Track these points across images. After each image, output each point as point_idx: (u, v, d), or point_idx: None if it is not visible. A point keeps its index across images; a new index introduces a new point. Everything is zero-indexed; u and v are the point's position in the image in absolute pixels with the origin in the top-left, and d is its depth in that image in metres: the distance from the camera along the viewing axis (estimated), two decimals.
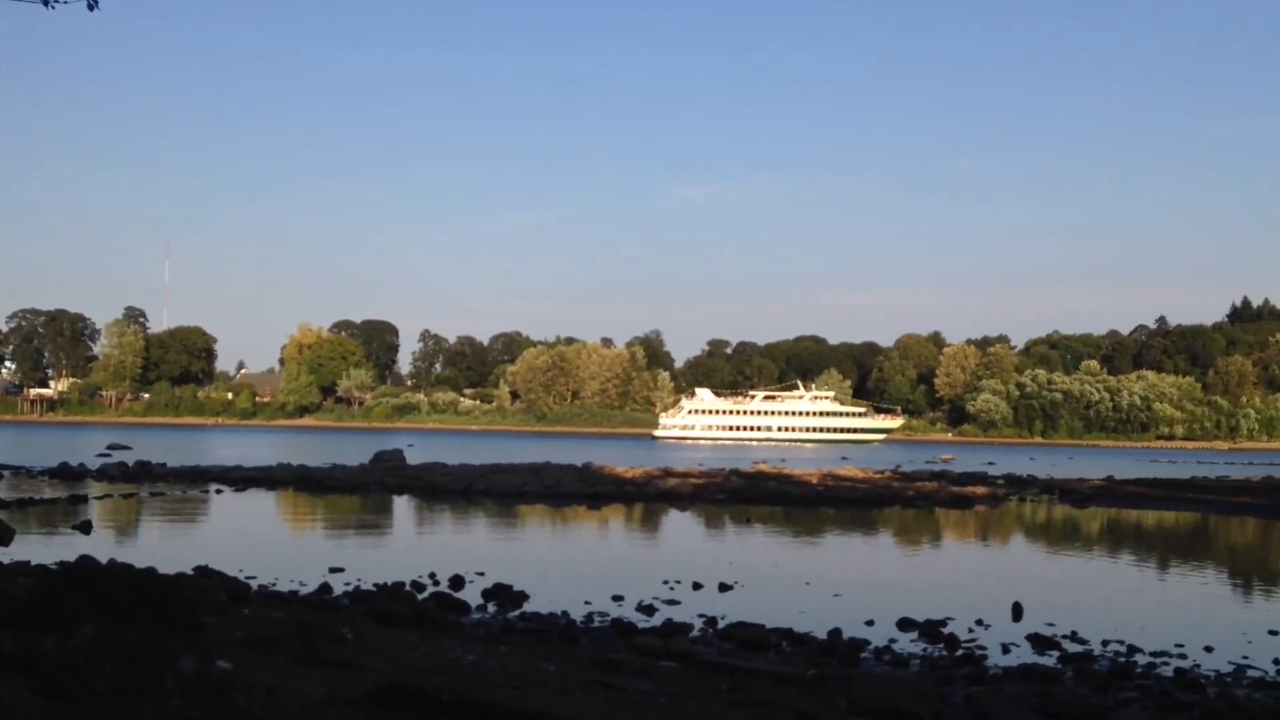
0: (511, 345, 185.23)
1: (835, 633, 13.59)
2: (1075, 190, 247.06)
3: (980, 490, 42.46)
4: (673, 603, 15.95)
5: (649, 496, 37.85)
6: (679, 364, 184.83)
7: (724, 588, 17.48)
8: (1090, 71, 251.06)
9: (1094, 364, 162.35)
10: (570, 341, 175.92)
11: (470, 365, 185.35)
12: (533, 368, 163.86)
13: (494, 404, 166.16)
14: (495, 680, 7.20)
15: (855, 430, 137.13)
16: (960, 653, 12.85)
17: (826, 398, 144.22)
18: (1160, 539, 30.57)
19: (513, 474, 42.17)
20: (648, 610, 15.26)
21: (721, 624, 14.03)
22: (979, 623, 14.82)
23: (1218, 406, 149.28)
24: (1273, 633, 14.73)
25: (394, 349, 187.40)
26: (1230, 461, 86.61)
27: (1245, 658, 12.98)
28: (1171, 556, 26.02)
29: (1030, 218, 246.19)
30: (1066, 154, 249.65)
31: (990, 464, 69.15)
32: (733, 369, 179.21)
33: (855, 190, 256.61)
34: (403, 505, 34.67)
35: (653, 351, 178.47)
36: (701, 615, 14.74)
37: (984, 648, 13.24)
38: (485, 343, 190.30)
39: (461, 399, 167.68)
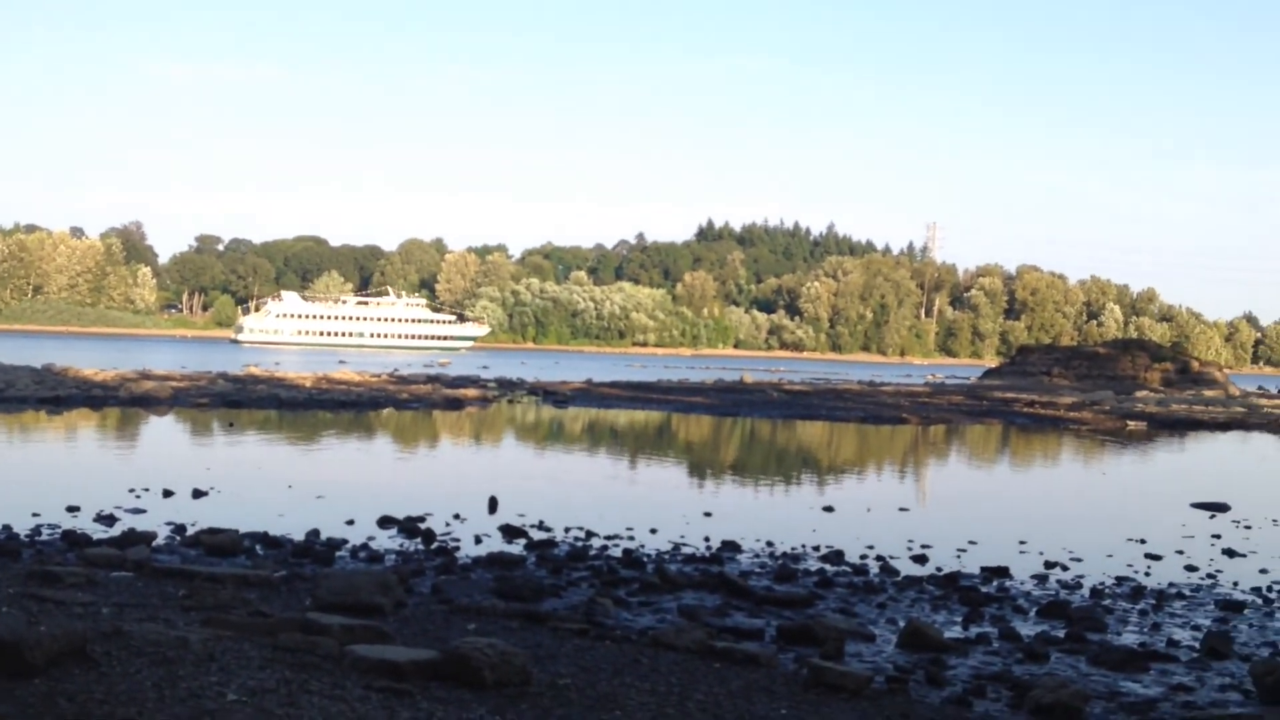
0: None
1: (313, 533, 13.49)
2: (569, 106, 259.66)
3: (472, 393, 44.07)
4: (138, 511, 14.92)
5: (121, 400, 34.95)
6: (164, 260, 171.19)
7: (198, 494, 16.65)
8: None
9: (582, 275, 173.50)
10: (32, 229, 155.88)
11: None
12: None
13: None
14: None
15: (445, 337, 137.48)
16: (435, 545, 13.32)
17: (418, 304, 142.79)
18: (629, 435, 33.61)
19: None
20: (108, 520, 14.15)
21: (191, 530, 13.39)
22: (456, 517, 15.43)
23: (684, 317, 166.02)
24: (707, 514, 16.80)
25: None
26: (691, 366, 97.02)
27: (682, 537, 14.71)
28: (636, 451, 28.75)
29: (529, 128, 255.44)
30: (564, 71, 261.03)
31: (485, 368, 71.84)
32: (225, 268, 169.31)
33: (351, 86, 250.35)
34: None
35: (132, 245, 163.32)
36: (170, 523, 13.95)
37: (458, 540, 13.83)
38: None
39: None
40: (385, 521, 14.78)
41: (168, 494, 16.46)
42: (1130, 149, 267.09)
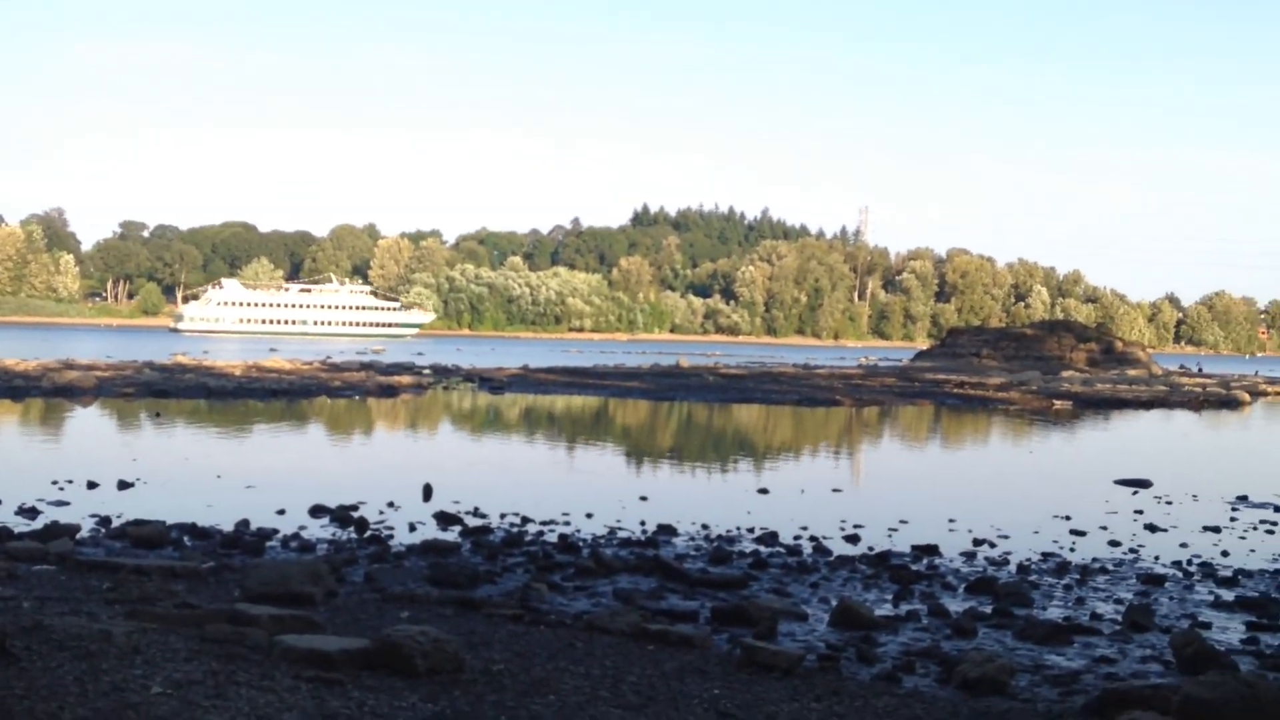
0: None
1: (243, 524, 13.31)
2: (503, 90, 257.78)
3: (407, 380, 43.69)
4: (61, 504, 14.56)
5: (44, 391, 34.08)
6: (87, 247, 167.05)
7: (124, 485, 16.31)
8: None
9: (517, 260, 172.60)
10: None
11: None
12: None
13: None
14: None
15: (390, 324, 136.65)
16: (368, 534, 13.20)
17: (362, 292, 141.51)
18: (566, 420, 33.57)
19: None
20: (30, 513, 13.80)
21: (117, 523, 13.12)
22: (390, 505, 15.29)
23: (620, 302, 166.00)
24: (643, 498, 16.84)
25: None
26: (628, 351, 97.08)
27: (618, 521, 14.72)
28: (573, 436, 28.73)
29: (462, 112, 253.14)
30: (496, 54, 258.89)
31: (420, 355, 71.24)
32: (151, 255, 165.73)
33: (280, 68, 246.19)
34: None
35: (54, 232, 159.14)
36: (94, 515, 13.65)
37: (392, 528, 13.71)
38: None
39: None
40: (317, 511, 14.60)
41: (92, 486, 16.11)
42: (1055, 133, 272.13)
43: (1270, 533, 15.41)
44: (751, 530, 14.23)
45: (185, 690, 5.43)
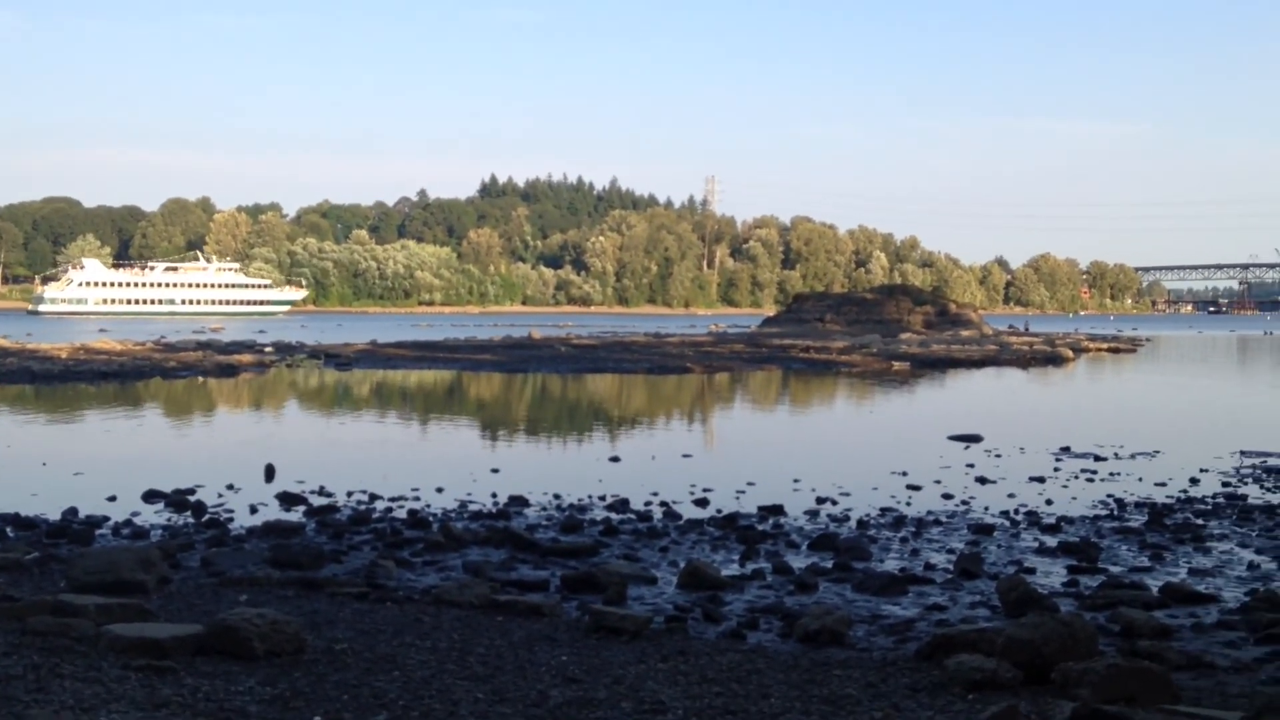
0: None
1: (70, 512, 12.70)
2: (341, 58, 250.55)
3: (247, 358, 42.29)
4: None
5: None
6: None
7: None
8: None
9: (363, 234, 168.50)
10: None
11: None
12: None
13: None
14: None
15: (261, 302, 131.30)
16: (206, 518, 12.77)
17: (231, 269, 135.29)
18: (417, 395, 33.07)
19: None
20: None
21: None
22: (230, 487, 14.81)
23: (470, 275, 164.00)
24: (494, 471, 16.76)
25: None
26: (479, 324, 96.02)
27: (469, 494, 14.63)
28: (424, 411, 28.33)
29: (300, 82, 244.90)
30: (334, 21, 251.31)
31: (261, 332, 68.94)
32: None
33: (110, 37, 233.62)
34: None
35: None
36: None
37: (232, 511, 13.30)
38: None
39: None
40: (151, 496, 14.04)
41: None
42: (892, 105, 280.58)
43: (1090, 481, 16.35)
44: (603, 498, 14.33)
45: (3, 685, 5.17)
